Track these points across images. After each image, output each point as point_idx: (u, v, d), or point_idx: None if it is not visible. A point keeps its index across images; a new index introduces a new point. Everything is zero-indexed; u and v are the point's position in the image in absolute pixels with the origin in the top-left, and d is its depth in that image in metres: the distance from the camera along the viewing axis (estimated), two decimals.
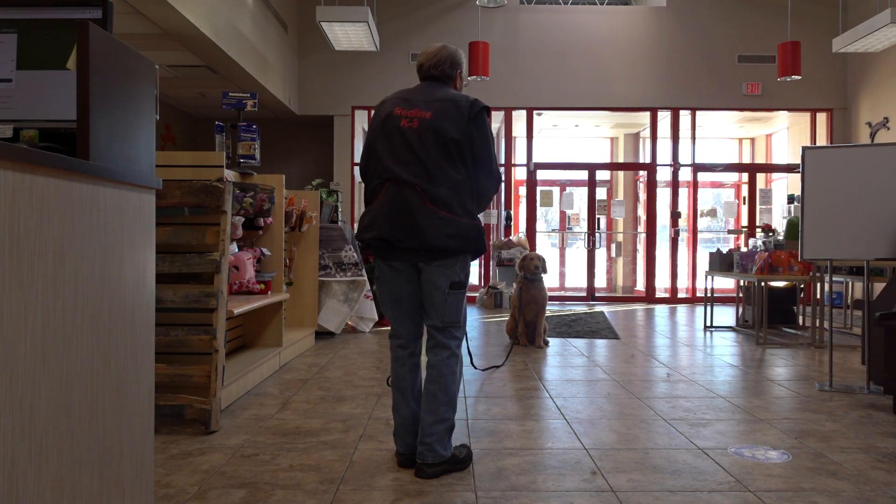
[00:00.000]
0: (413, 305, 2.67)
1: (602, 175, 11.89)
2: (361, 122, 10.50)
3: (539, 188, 10.36)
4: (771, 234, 7.67)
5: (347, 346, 5.82)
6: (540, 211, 10.48)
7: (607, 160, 12.72)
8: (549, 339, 6.18)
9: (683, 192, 10.59)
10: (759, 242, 7.28)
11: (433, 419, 2.59)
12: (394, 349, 2.73)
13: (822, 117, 10.23)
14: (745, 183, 10.93)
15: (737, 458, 2.81)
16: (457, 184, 2.52)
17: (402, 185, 2.50)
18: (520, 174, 10.85)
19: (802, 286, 7.24)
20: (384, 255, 2.61)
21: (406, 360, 2.70)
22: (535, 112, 10.20)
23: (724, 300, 9.84)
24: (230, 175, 4.48)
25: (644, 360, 5.16)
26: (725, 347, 5.87)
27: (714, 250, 7.16)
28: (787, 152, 11.44)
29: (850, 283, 7.55)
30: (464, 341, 2.85)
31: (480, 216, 2.68)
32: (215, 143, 4.63)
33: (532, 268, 5.72)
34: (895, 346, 3.66)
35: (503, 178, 2.33)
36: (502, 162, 10.48)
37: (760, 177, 11.20)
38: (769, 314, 6.73)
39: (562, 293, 11.05)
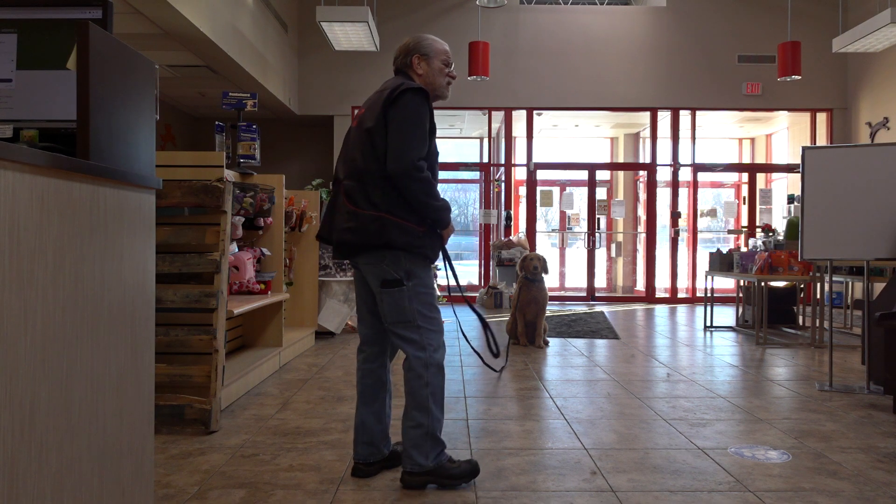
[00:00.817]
0: (367, 307, 2.60)
1: (602, 175, 11.89)
2: None
3: (539, 188, 10.36)
4: (771, 234, 7.67)
5: (347, 346, 5.82)
6: (540, 211, 10.48)
7: (607, 160, 12.71)
8: (549, 338, 6.18)
9: (683, 192, 10.59)
10: (759, 242, 7.27)
11: (410, 423, 2.47)
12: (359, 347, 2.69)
13: (822, 117, 10.23)
14: (745, 183, 10.93)
15: (737, 458, 2.81)
16: (361, 174, 2.40)
17: (336, 183, 2.55)
18: (520, 174, 10.85)
19: (802, 286, 7.24)
20: (336, 254, 2.58)
21: (361, 365, 2.63)
22: (535, 112, 10.19)
23: (724, 300, 9.84)
24: (230, 175, 4.48)
25: (644, 360, 5.16)
26: (725, 347, 5.86)
27: (714, 250, 7.15)
28: (787, 152, 11.44)
29: (850, 283, 7.55)
30: (489, 336, 2.81)
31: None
32: (215, 143, 4.63)
33: (531, 268, 5.72)
34: (895, 346, 3.66)
35: (417, 165, 2.19)
36: (502, 162, 10.48)
37: (760, 177, 11.20)
38: (769, 314, 6.73)
39: (562, 293, 11.05)
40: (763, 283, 6.16)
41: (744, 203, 10.69)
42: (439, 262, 2.81)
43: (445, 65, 2.61)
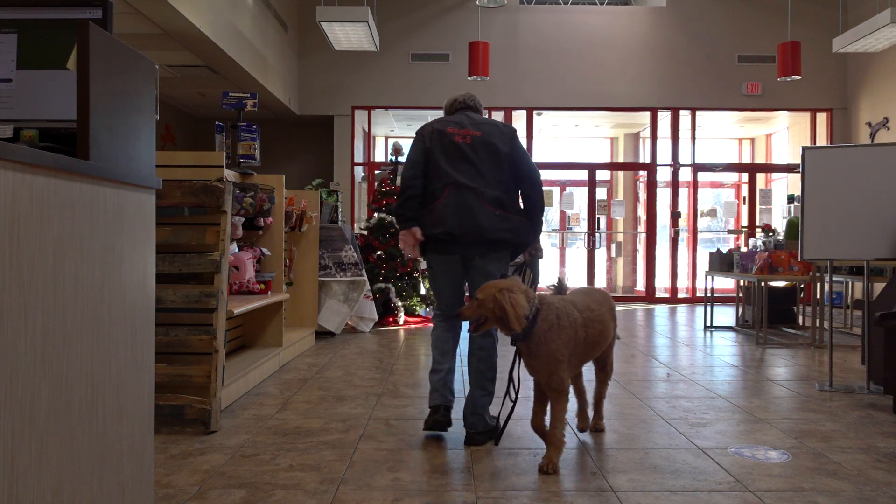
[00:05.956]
0: (459, 289, 3.20)
1: (602, 175, 11.89)
2: (361, 122, 10.49)
3: None
4: (771, 234, 7.67)
5: (347, 346, 5.82)
6: None
7: (607, 160, 12.71)
8: None
9: (683, 192, 10.59)
10: (759, 242, 7.27)
11: (483, 393, 3.03)
12: (441, 320, 3.19)
13: (822, 117, 10.23)
14: (745, 183, 10.93)
15: (737, 458, 2.81)
16: (507, 187, 3.06)
17: (461, 188, 3.01)
18: None
19: (802, 286, 7.24)
20: (445, 249, 3.06)
21: (450, 328, 3.19)
22: (535, 112, 10.20)
23: (724, 300, 9.84)
24: (230, 175, 4.48)
25: (644, 360, 5.16)
26: (725, 347, 5.86)
27: (714, 250, 7.15)
28: (787, 152, 11.44)
29: (850, 283, 7.55)
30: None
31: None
32: (215, 143, 4.63)
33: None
34: (895, 346, 3.66)
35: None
36: None
37: (760, 177, 11.20)
38: (769, 314, 6.73)
39: None
40: (763, 283, 6.16)
41: (744, 203, 10.69)
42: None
43: None
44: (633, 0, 10.59)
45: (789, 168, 10.61)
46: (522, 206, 3.15)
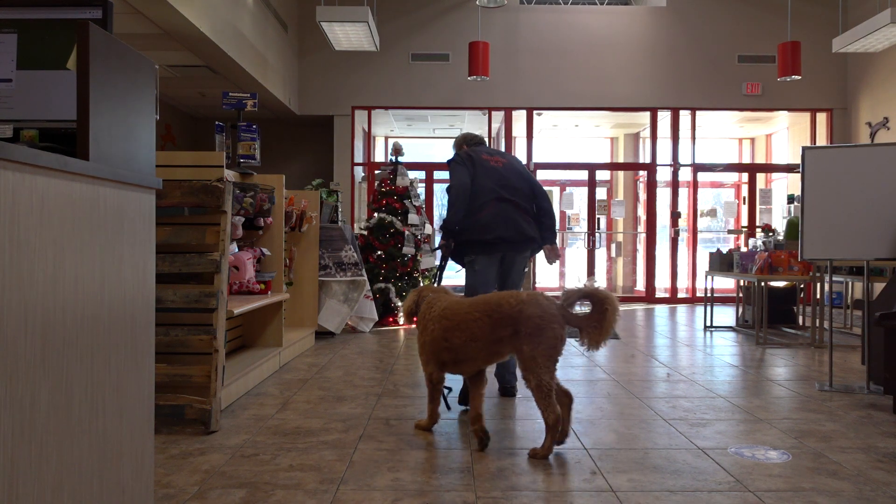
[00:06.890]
0: (494, 285, 3.84)
1: (602, 175, 11.89)
2: (361, 122, 10.49)
3: None
4: (771, 234, 7.67)
5: (347, 346, 5.82)
6: None
7: (607, 160, 12.71)
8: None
9: (683, 192, 10.59)
10: (759, 242, 7.27)
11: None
12: None
13: (822, 117, 10.23)
14: (745, 183, 10.93)
15: (737, 458, 2.81)
16: (528, 199, 3.87)
17: (504, 201, 3.76)
18: None
19: (802, 286, 7.24)
20: (491, 251, 3.76)
21: None
22: (535, 112, 10.19)
23: (724, 300, 9.84)
24: (230, 175, 4.48)
25: (644, 360, 5.16)
26: (725, 347, 5.86)
27: (714, 250, 7.15)
28: (787, 152, 11.44)
29: (850, 283, 7.55)
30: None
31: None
32: (215, 143, 4.63)
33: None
34: (895, 346, 3.66)
35: None
36: None
37: (760, 177, 11.19)
38: (769, 314, 6.73)
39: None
40: (763, 283, 6.16)
41: (744, 203, 10.68)
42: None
43: None
44: (633, 0, 10.59)
45: (789, 168, 10.61)
46: (538, 214, 3.91)
